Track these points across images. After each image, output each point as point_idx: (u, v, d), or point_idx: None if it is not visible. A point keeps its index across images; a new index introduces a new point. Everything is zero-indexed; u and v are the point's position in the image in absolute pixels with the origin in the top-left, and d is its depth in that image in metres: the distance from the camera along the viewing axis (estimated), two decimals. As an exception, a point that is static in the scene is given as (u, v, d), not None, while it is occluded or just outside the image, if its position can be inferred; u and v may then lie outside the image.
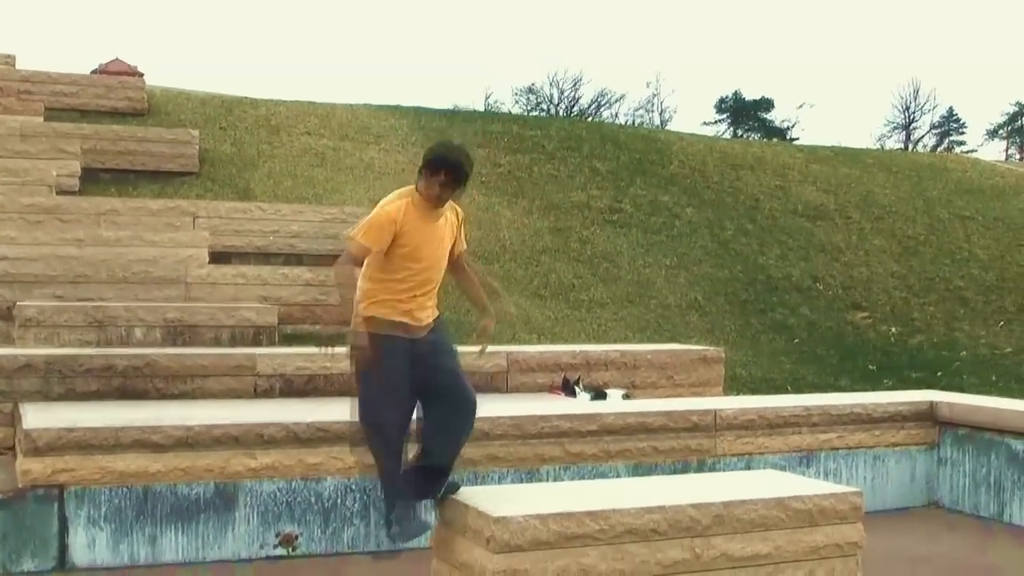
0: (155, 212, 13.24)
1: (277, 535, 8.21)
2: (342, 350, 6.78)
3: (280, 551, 8.21)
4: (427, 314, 6.68)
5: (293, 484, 8.30)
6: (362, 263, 6.59)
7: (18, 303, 11.08)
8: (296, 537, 8.25)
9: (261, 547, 8.18)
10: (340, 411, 8.93)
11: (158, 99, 17.01)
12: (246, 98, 18.11)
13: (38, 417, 8.51)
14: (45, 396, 9.62)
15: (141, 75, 17.50)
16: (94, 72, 17.66)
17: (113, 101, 16.30)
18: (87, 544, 7.88)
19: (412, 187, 6.62)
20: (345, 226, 13.76)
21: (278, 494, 8.25)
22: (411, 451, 6.76)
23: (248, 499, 8.18)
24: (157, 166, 15.06)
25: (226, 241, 13.30)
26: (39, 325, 10.82)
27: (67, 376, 9.75)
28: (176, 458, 8.12)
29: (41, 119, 15.04)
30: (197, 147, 15.33)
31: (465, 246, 6.89)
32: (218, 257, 12.94)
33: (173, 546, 8.03)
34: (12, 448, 8.96)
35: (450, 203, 6.69)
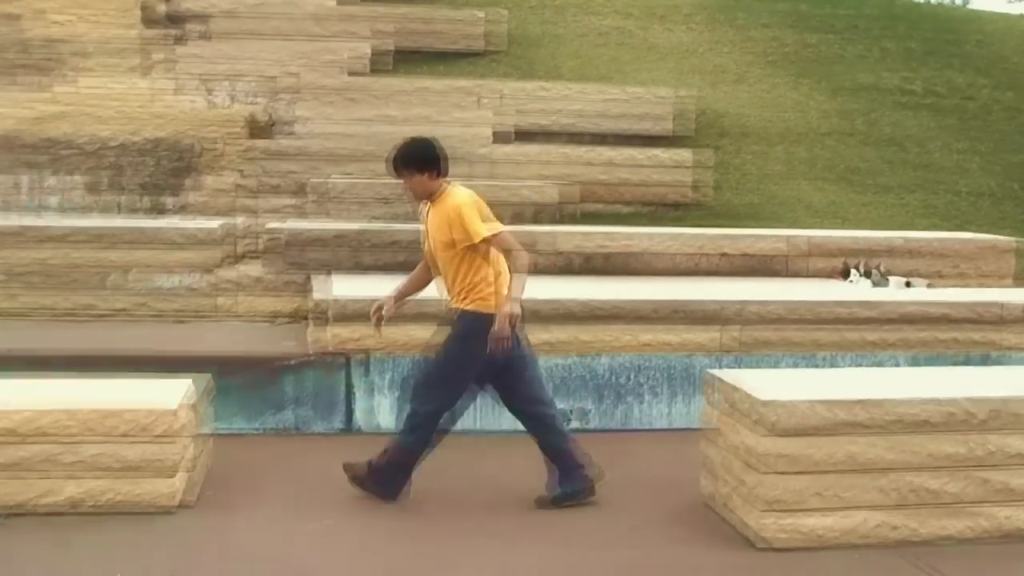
0: (441, 92, 13.51)
1: (552, 409, 8.42)
2: None
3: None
4: (452, 304, 6.83)
5: (568, 360, 8.49)
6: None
7: (311, 179, 11.56)
8: (569, 412, 8.45)
9: (536, 420, 8.40)
10: (616, 290, 9.12)
11: (447, -20, 17.27)
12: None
13: (327, 287, 8.96)
14: (337, 268, 10.09)
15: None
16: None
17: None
18: (370, 409, 8.29)
19: None
20: (628, 106, 13.78)
21: (554, 370, 8.45)
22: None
23: (524, 373, 8.39)
24: (444, 46, 15.30)
25: (511, 120, 13.47)
26: (330, 200, 11.31)
27: (356, 249, 10.18)
28: (454, 331, 8.40)
29: (334, 2, 15.48)
30: (483, 27, 15.51)
31: (478, 236, 6.67)
32: (502, 136, 13.16)
33: (447, 416, 8.32)
34: (305, 317, 9.43)
35: (445, 202, 6.77)
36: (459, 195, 6.79)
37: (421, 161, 6.84)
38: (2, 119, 12.84)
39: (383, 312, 7.07)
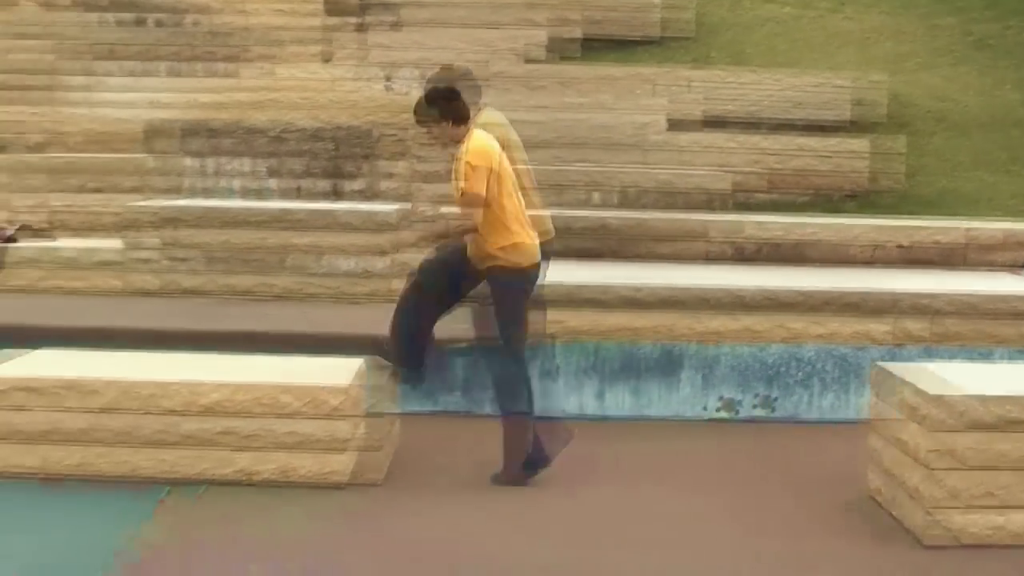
0: (615, 79, 13.51)
1: (719, 399, 8.41)
2: None
3: (722, 414, 8.42)
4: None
5: (737, 349, 8.45)
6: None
7: (487, 166, 11.66)
8: (738, 402, 8.42)
9: (704, 409, 8.42)
10: (788, 279, 9.04)
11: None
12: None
13: (499, 273, 9.03)
14: (508, 254, 10.17)
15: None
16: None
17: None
18: (540, 393, 8.33)
19: None
20: (805, 95, 13.61)
21: (722, 358, 8.42)
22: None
23: (692, 362, 8.41)
24: (620, 34, 15.31)
25: (684, 109, 13.40)
26: (507, 187, 11.38)
27: (534, 235, 10.24)
28: (625, 317, 8.46)
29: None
30: (659, 15, 15.47)
31: (461, 185, 6.81)
32: (676, 124, 13.11)
33: (620, 401, 8.39)
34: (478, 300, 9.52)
35: (463, 147, 6.84)
36: (477, 141, 6.90)
37: (445, 110, 6.92)
38: (191, 106, 13.31)
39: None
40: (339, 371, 6.90)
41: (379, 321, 9.17)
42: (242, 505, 6.34)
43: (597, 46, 15.20)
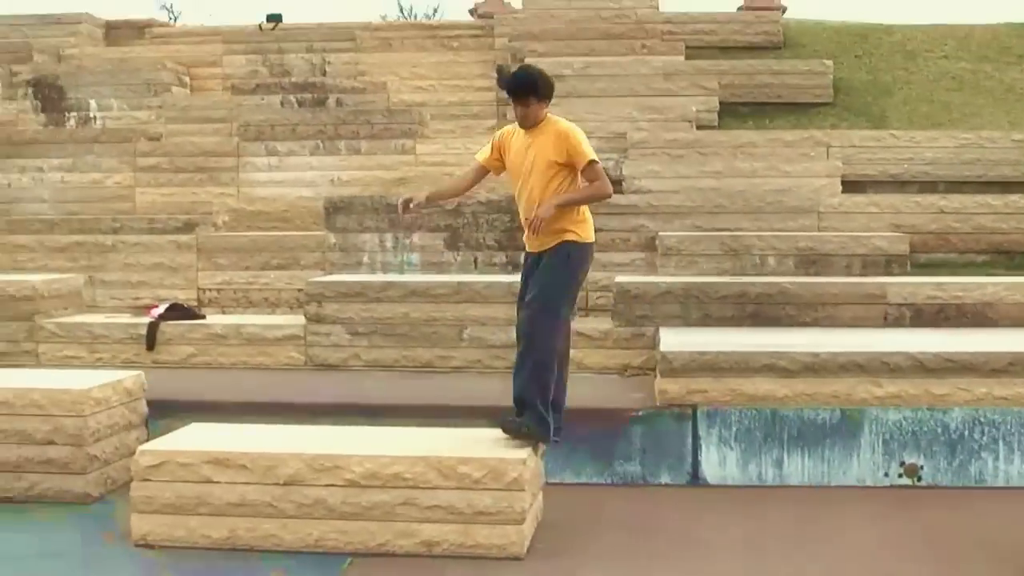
0: (789, 143, 13.47)
1: (901, 464, 8.26)
2: None
3: (904, 480, 8.26)
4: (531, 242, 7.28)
5: (918, 414, 8.29)
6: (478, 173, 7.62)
7: (660, 233, 11.74)
8: (920, 467, 8.25)
9: (885, 475, 8.27)
10: (970, 341, 8.85)
11: (793, 31, 17.18)
12: (880, 25, 17.88)
13: (674, 340, 9.07)
14: (684, 321, 10.20)
15: (782, 9, 17.71)
16: (739, 9, 18.05)
17: (750, 36, 16.65)
18: (718, 462, 8.33)
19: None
20: (983, 151, 13.38)
21: (903, 423, 8.28)
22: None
23: (872, 427, 8.28)
24: (792, 98, 15.24)
25: (859, 170, 13.29)
26: (679, 254, 11.43)
27: (704, 302, 10.26)
28: (803, 383, 8.38)
29: (682, 57, 15.69)
30: (831, 77, 15.36)
31: (587, 158, 7.14)
32: (851, 186, 12.99)
33: (798, 469, 8.30)
34: (653, 369, 9.57)
35: (553, 127, 7.20)
36: (566, 122, 7.30)
37: (545, 90, 7.28)
38: (370, 182, 13.70)
39: (411, 205, 7.55)
40: (514, 442, 6.99)
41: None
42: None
43: (770, 110, 15.19)
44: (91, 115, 15.90)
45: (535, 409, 7.05)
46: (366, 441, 7.13)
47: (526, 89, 7.21)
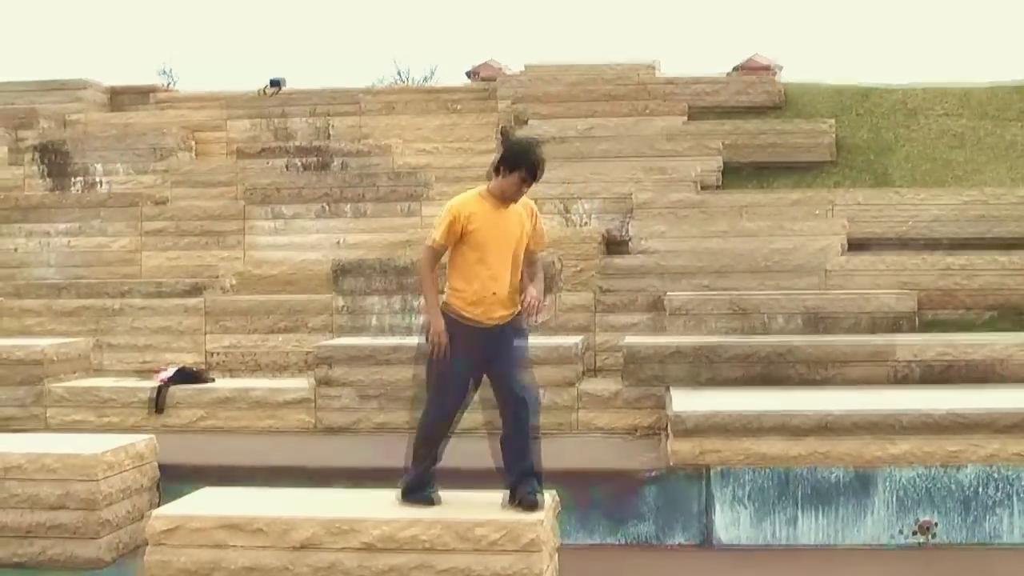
0: (794, 202, 13.53)
1: (915, 522, 8.24)
2: None
3: (917, 539, 8.23)
4: (499, 313, 6.86)
5: (931, 471, 8.28)
6: (438, 259, 6.91)
7: (668, 293, 11.77)
8: (934, 525, 8.23)
9: (901, 532, 8.24)
10: (981, 398, 8.85)
11: (793, 92, 17.27)
12: (880, 85, 17.99)
13: (685, 401, 9.08)
14: (693, 381, 10.21)
15: (776, 70, 17.85)
16: (735, 70, 18.19)
17: (751, 97, 16.73)
18: (731, 522, 8.33)
19: (483, 186, 6.95)
20: (987, 208, 13.42)
21: (916, 480, 8.27)
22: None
23: (885, 485, 8.27)
24: (795, 157, 15.28)
25: (864, 228, 13.32)
26: (687, 314, 11.46)
27: (713, 362, 10.28)
28: (815, 442, 8.38)
29: (683, 119, 15.78)
30: (833, 136, 15.45)
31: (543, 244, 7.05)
32: (855, 245, 13.02)
33: (811, 528, 8.28)
34: (664, 429, 9.57)
35: (523, 200, 6.90)
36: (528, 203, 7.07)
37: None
38: (376, 244, 13.74)
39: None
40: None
41: (569, 453, 9.33)
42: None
43: (773, 170, 15.25)
44: (97, 180, 15.95)
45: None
46: (381, 504, 7.10)
47: (537, 167, 6.96)
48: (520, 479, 6.88)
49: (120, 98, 18.56)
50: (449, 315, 6.85)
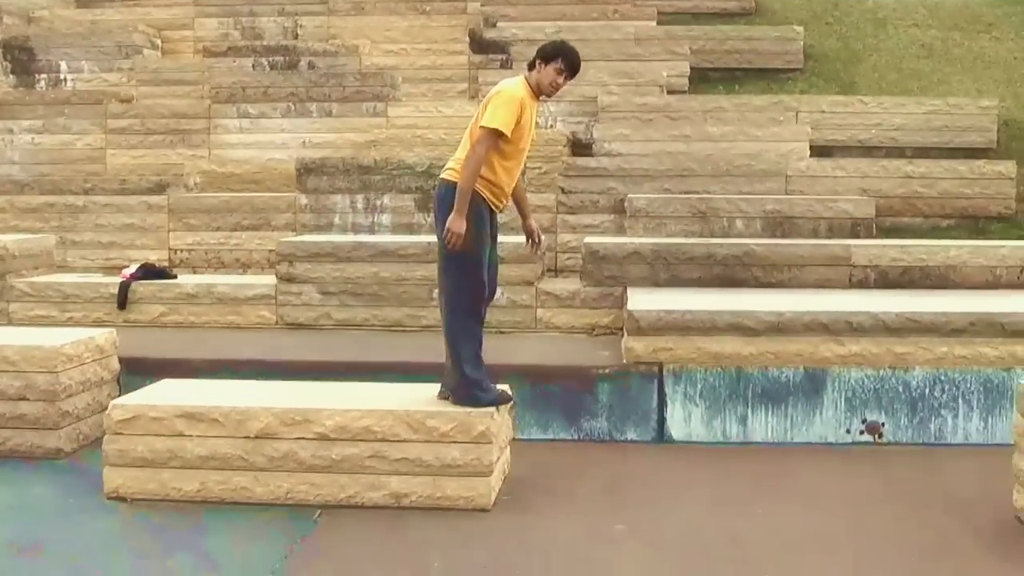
0: (758, 108, 13.58)
1: (863, 422, 8.40)
2: None
3: (865, 438, 8.40)
4: (506, 202, 7.27)
5: (881, 373, 8.43)
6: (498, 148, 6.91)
7: (629, 195, 11.83)
8: (881, 426, 8.40)
9: (847, 432, 8.41)
10: (932, 303, 8.98)
11: (765, -2, 17.31)
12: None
13: (642, 300, 9.18)
14: (652, 282, 10.31)
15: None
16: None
17: (722, 2, 16.71)
18: (683, 419, 8.46)
19: (523, 78, 7.04)
20: (950, 118, 13.53)
21: (865, 382, 8.42)
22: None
23: (835, 385, 8.42)
24: (762, 64, 15.34)
25: (827, 135, 13.42)
26: (648, 216, 11.54)
27: (671, 263, 10.38)
28: (768, 342, 8.51)
29: (654, 23, 15.78)
30: (801, 44, 15.47)
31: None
32: (819, 151, 13.11)
33: (762, 426, 8.44)
34: (621, 329, 9.68)
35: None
36: None
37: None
38: (342, 144, 13.74)
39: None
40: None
41: (527, 350, 9.47)
42: (384, 528, 6.55)
43: (740, 76, 15.28)
44: (62, 77, 15.86)
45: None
46: (336, 396, 7.23)
47: (573, 64, 7.08)
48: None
49: (87, -6, 18.39)
50: (480, 198, 6.99)
